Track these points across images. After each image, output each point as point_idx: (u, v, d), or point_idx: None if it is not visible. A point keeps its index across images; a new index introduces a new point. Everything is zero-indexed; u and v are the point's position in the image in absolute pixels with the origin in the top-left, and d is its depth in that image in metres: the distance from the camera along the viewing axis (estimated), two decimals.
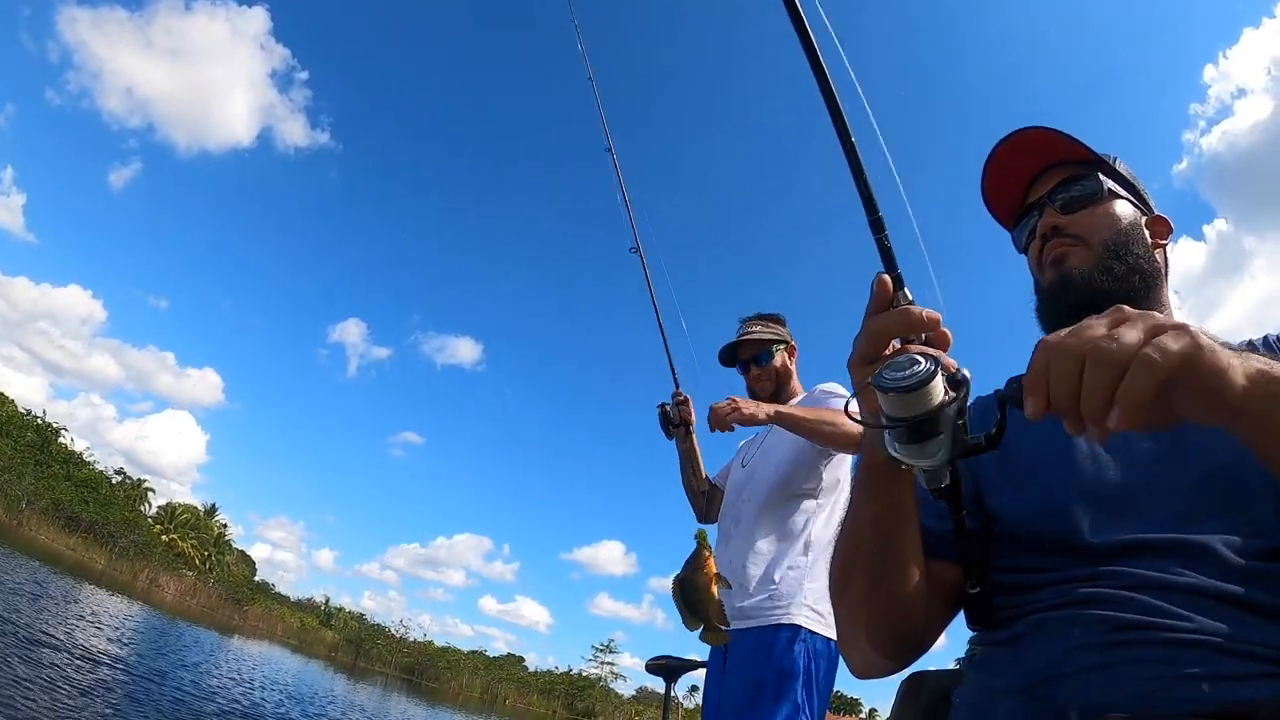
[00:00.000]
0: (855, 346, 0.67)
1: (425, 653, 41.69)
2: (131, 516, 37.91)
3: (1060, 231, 0.94)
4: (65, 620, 10.43)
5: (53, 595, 13.16)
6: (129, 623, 14.69)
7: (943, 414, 0.53)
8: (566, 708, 41.65)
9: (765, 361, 2.29)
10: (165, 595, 32.25)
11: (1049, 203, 0.96)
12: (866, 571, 0.81)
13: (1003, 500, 0.86)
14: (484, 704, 37.72)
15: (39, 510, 30.85)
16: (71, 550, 30.27)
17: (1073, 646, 0.70)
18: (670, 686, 2.56)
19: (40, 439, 37.34)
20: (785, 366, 2.30)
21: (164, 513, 46.58)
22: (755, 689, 1.82)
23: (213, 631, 22.59)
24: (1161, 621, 0.67)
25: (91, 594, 17.43)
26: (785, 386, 2.28)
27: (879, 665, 0.89)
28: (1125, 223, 0.94)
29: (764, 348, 2.30)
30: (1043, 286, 0.96)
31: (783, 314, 2.41)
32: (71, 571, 21.49)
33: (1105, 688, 0.66)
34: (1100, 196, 0.95)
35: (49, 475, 34.02)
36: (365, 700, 16.67)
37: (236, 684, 11.12)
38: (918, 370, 0.53)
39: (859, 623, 0.85)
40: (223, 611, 35.55)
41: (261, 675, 14.23)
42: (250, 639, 28.34)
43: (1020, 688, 0.72)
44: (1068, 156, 0.98)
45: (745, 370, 2.32)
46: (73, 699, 5.67)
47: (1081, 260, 0.92)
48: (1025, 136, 0.98)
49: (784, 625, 1.86)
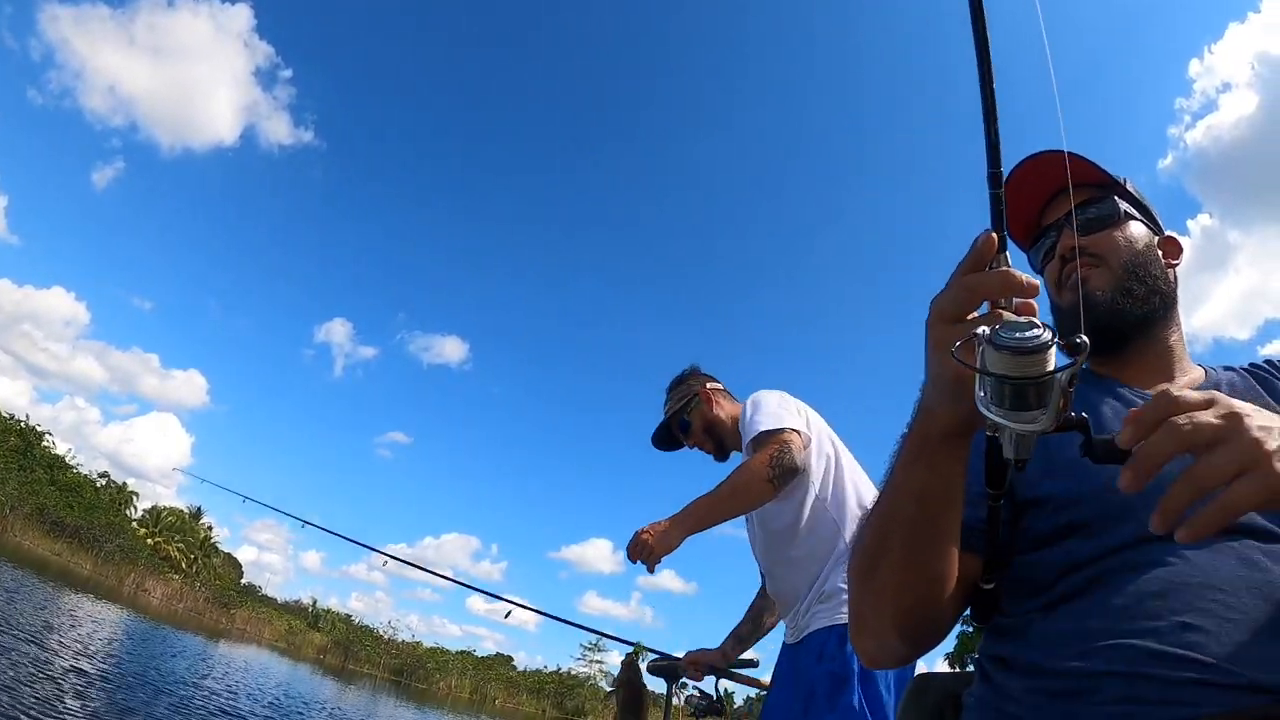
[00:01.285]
0: (941, 301, 0.63)
1: (414, 654, 41.71)
2: (117, 520, 37.66)
3: (1081, 252, 0.93)
4: (50, 627, 10.50)
5: (38, 601, 13.19)
6: (114, 629, 14.74)
7: (1055, 381, 0.52)
8: (556, 707, 41.80)
9: (685, 429, 2.28)
10: (152, 599, 32.13)
11: (1067, 224, 0.95)
12: (904, 550, 0.76)
13: (1040, 490, 0.82)
14: (473, 704, 37.83)
15: (23, 515, 30.63)
16: (57, 555, 30.08)
17: (1097, 671, 0.67)
18: (671, 687, 2.57)
19: (24, 443, 37.02)
20: (706, 419, 2.25)
21: (149, 516, 46.32)
22: (808, 696, 1.80)
23: (199, 636, 22.61)
24: (1196, 621, 0.65)
25: (77, 600, 17.44)
26: (718, 434, 2.25)
27: (896, 653, 0.85)
28: (1142, 244, 0.95)
29: (678, 418, 2.28)
30: (1060, 307, 0.96)
31: (690, 365, 2.37)
32: (58, 578, 21.44)
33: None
34: (1118, 219, 0.95)
35: (33, 480, 33.73)
36: (354, 703, 16.79)
37: (226, 691, 11.23)
38: (1039, 334, 0.52)
39: (883, 605, 0.80)
40: (210, 615, 35.43)
41: (250, 682, 14.33)
42: (238, 643, 28.33)
43: (1043, 692, 0.70)
44: (1084, 179, 0.97)
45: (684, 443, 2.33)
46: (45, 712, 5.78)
47: (1103, 282, 0.92)
48: (1042, 159, 0.97)
49: (835, 626, 1.83)
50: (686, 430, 2.28)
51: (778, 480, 1.85)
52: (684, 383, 2.32)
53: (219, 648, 21.50)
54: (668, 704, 2.58)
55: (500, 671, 45.66)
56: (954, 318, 0.62)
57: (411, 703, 27.16)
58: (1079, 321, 0.86)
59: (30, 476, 33.87)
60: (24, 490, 31.76)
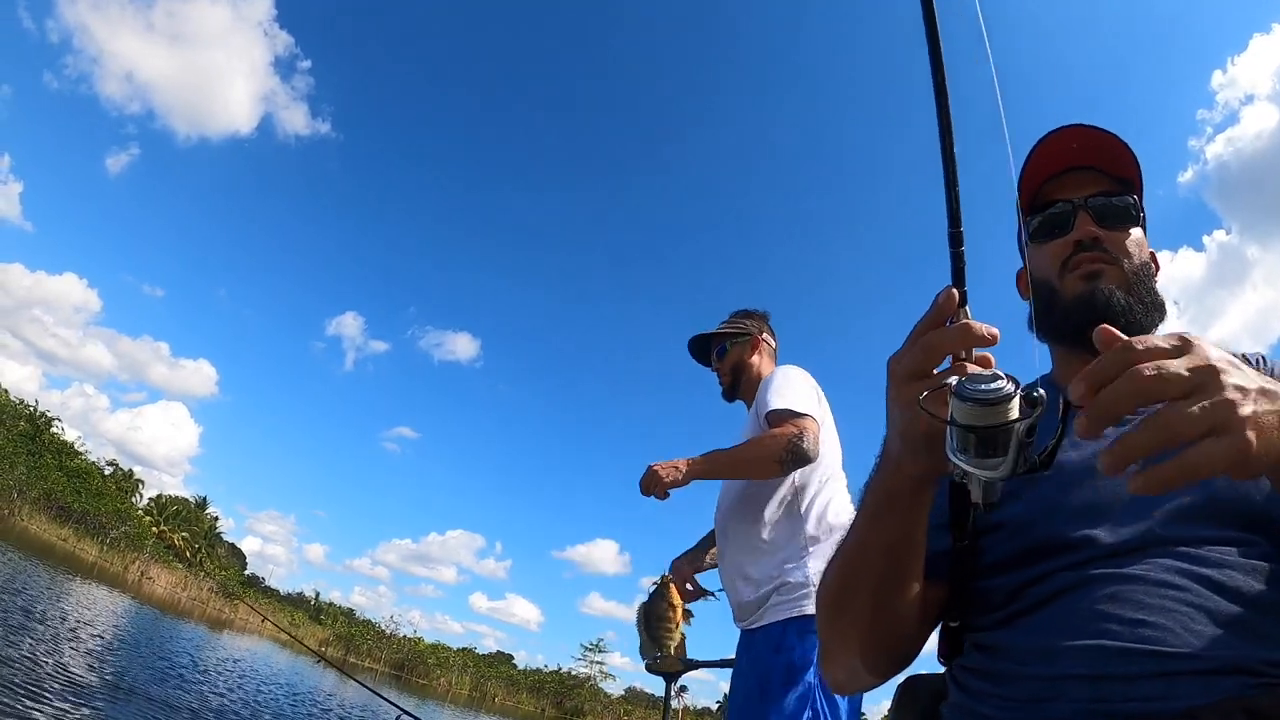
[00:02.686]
0: (904, 360, 0.63)
1: (414, 649, 41.75)
2: (123, 508, 37.87)
3: (1098, 244, 0.87)
4: (57, 616, 10.49)
5: (41, 585, 13.21)
6: (120, 619, 14.74)
7: (1015, 429, 0.54)
8: (555, 706, 41.75)
9: (720, 354, 2.33)
10: (156, 588, 32.24)
11: (1084, 206, 0.88)
12: (871, 597, 0.78)
13: (997, 515, 0.80)
14: (473, 702, 37.81)
15: (30, 500, 30.80)
16: (63, 541, 30.23)
17: (1063, 675, 0.67)
18: (670, 687, 2.56)
19: (33, 429, 37.28)
20: (741, 361, 2.30)
21: (155, 505, 46.54)
22: (763, 682, 1.84)
23: (202, 626, 22.64)
24: (1149, 633, 0.65)
25: (83, 588, 17.47)
26: (741, 379, 2.30)
27: (865, 682, 0.87)
28: (1148, 253, 0.91)
29: (720, 341, 2.34)
30: (1060, 294, 0.88)
31: (764, 310, 2.42)
32: (63, 563, 21.49)
33: None
34: (1135, 219, 0.90)
35: (41, 465, 33.96)
36: (353, 697, 16.76)
37: (234, 683, 11.21)
38: (1003, 386, 0.54)
39: (850, 641, 0.82)
40: (213, 605, 35.54)
41: (255, 671, 14.31)
42: (240, 634, 28.37)
43: (1012, 699, 0.71)
44: (1109, 167, 0.91)
45: (711, 363, 2.38)
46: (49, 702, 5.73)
47: (1117, 281, 0.86)
48: (1082, 130, 0.90)
49: (793, 619, 1.86)
50: (720, 355, 2.35)
51: (788, 464, 1.88)
52: (748, 318, 2.39)
53: (222, 637, 21.51)
54: (666, 704, 2.58)
55: (500, 670, 45.68)
56: (917, 376, 0.62)
57: (412, 699, 27.13)
58: (1085, 314, 0.83)
59: (39, 462, 34.09)
60: (32, 475, 31.96)
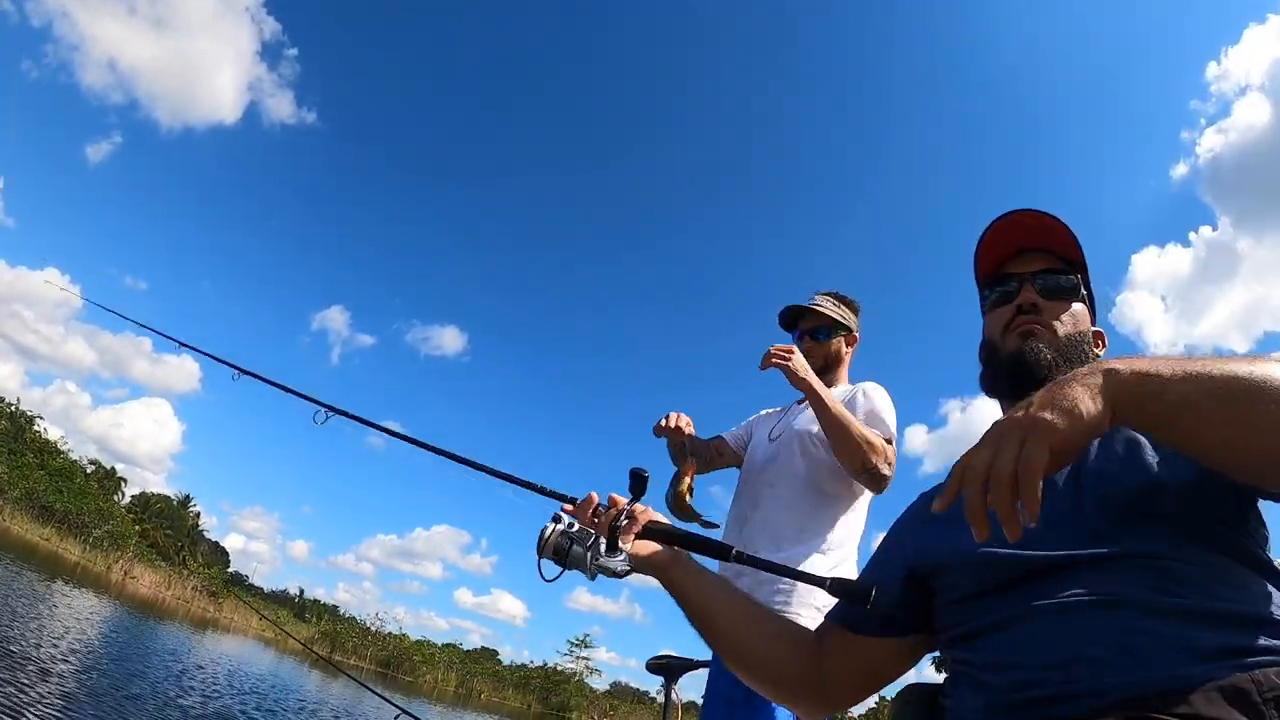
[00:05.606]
0: None
1: (400, 646, 41.78)
2: (106, 507, 37.61)
3: (1036, 309, 1.02)
4: (40, 622, 10.56)
5: (23, 586, 13.24)
6: (104, 619, 14.80)
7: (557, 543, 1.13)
8: (541, 702, 41.92)
9: (822, 338, 2.23)
10: (140, 588, 32.14)
11: (1031, 281, 1.04)
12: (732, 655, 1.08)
13: (938, 557, 0.94)
14: (459, 698, 37.95)
15: (12, 500, 30.60)
16: (46, 541, 30.06)
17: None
18: (670, 686, 2.55)
19: (14, 427, 36.96)
20: (839, 352, 2.24)
21: (137, 503, 46.24)
22: None
23: (187, 626, 22.68)
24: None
25: (64, 588, 17.49)
26: (831, 371, 2.22)
27: (813, 715, 1.08)
28: (1084, 326, 1.04)
29: (825, 323, 2.23)
30: (999, 351, 1.04)
31: (859, 303, 2.33)
32: (45, 564, 21.46)
33: None
34: (1075, 295, 1.05)
35: (23, 464, 33.69)
36: (339, 695, 16.90)
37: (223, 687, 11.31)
38: (543, 532, 1.11)
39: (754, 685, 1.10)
40: (198, 604, 35.46)
41: (243, 671, 14.42)
42: (225, 633, 28.39)
43: None
44: (1057, 248, 1.05)
45: (800, 339, 2.25)
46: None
47: (1048, 342, 1.00)
48: (1034, 215, 1.05)
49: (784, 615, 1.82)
50: (819, 339, 2.23)
51: (867, 470, 1.89)
52: (854, 313, 2.31)
53: (206, 636, 21.58)
54: (667, 704, 2.57)
55: (486, 665, 45.78)
56: None
57: (398, 696, 27.21)
58: (1016, 368, 0.99)
59: (20, 461, 33.80)
60: (13, 474, 31.70)
